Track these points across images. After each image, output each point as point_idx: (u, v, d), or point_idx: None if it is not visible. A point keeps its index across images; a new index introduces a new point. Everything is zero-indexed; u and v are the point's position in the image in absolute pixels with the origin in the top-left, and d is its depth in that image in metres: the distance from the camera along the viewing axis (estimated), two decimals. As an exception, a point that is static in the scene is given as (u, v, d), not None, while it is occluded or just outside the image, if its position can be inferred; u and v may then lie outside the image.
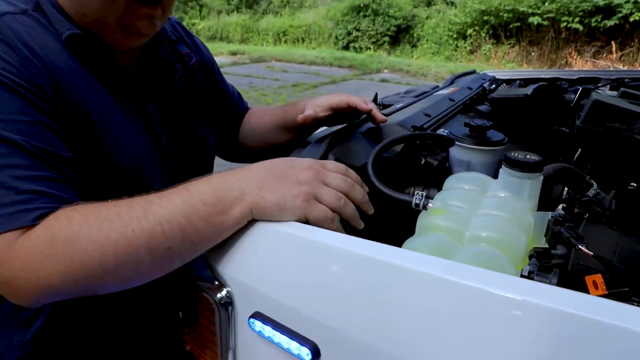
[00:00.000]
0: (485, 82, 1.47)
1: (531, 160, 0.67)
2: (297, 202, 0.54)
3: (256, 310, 0.51)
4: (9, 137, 0.52)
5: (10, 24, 0.59)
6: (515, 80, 1.82)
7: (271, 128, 0.98)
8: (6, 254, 0.49)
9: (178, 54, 0.84)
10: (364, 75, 10.73)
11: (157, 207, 0.51)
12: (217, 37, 20.49)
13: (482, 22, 12.19)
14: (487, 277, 0.41)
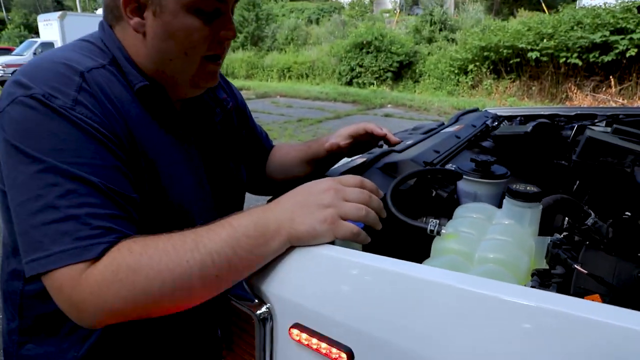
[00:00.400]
0: (488, 119, 1.57)
1: (531, 191, 0.76)
2: (325, 226, 0.61)
3: (295, 322, 0.59)
4: (88, 178, 0.60)
5: (95, 77, 0.68)
6: (516, 117, 1.93)
7: (296, 162, 1.07)
8: (77, 280, 0.57)
9: (217, 99, 0.94)
10: (367, 110, 10.95)
11: (207, 240, 0.59)
12: (223, 73, 21.08)
13: (482, 57, 12.52)
14: (496, 286, 0.49)
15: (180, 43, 0.72)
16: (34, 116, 0.62)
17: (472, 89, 12.95)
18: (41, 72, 0.65)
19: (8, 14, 55.25)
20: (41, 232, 0.58)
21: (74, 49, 0.73)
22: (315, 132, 8.03)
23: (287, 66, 18.64)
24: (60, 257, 0.57)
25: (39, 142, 0.61)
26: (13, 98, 0.63)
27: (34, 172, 0.59)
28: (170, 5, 0.70)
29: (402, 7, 32.47)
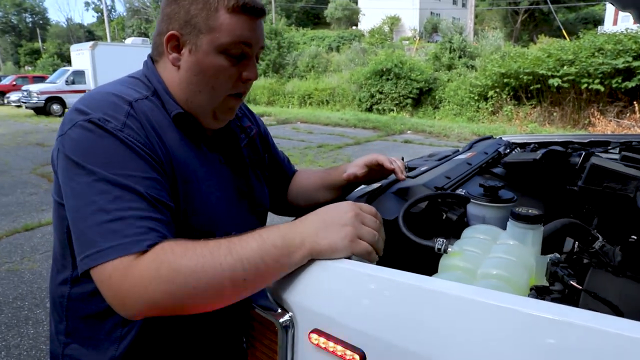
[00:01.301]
0: (500, 147, 1.63)
1: (532, 214, 0.82)
2: (346, 242, 0.69)
3: (315, 327, 0.66)
4: (133, 187, 0.71)
5: (141, 106, 0.80)
6: (529, 144, 1.98)
7: (317, 187, 1.16)
8: (124, 272, 0.66)
9: (242, 127, 1.05)
10: (387, 137, 11.04)
11: (239, 248, 0.67)
12: (245, 99, 21.58)
13: (502, 84, 12.55)
14: (496, 296, 0.56)
15: (209, 78, 0.84)
16: (90, 136, 0.74)
17: (493, 115, 12.96)
18: (97, 102, 0.78)
19: (44, 44, 57.93)
20: (94, 232, 0.68)
21: (123, 84, 0.86)
22: (335, 158, 8.13)
23: (307, 93, 18.99)
24: (110, 251, 0.66)
25: (93, 157, 0.72)
26: (74, 123, 0.75)
27: (88, 181, 0.71)
28: (204, 46, 0.82)
29: (422, 34, 32.90)
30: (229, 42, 0.82)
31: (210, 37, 0.82)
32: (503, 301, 0.53)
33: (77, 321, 0.86)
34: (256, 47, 0.87)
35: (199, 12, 0.81)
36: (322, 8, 43.46)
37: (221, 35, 0.81)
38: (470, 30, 22.31)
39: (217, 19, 0.81)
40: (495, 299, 0.54)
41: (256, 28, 0.85)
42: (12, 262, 3.71)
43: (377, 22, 33.34)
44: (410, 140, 10.30)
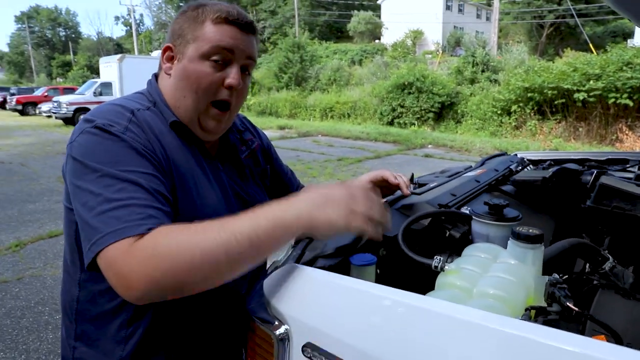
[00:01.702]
0: (512, 163, 1.62)
1: (532, 233, 0.82)
2: (342, 215, 0.70)
3: (308, 341, 0.67)
4: (135, 180, 0.76)
5: (142, 115, 0.86)
6: (544, 161, 1.96)
7: None
8: (125, 254, 0.69)
9: (243, 139, 1.10)
10: (408, 151, 10.99)
11: (231, 224, 0.69)
12: (266, 112, 21.71)
13: (526, 98, 12.38)
14: (481, 316, 0.56)
15: (192, 83, 0.89)
16: (95, 139, 0.79)
17: (516, 130, 12.78)
18: (103, 111, 0.85)
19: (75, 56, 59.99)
20: (98, 220, 0.72)
21: (127, 98, 0.93)
22: (355, 172, 8.13)
23: (329, 106, 19.08)
24: (112, 235, 0.70)
25: (98, 156, 0.77)
26: (81, 130, 0.81)
27: (94, 178, 0.75)
28: (189, 53, 0.89)
29: (445, 48, 32.80)
30: (209, 47, 0.88)
31: (195, 45, 0.88)
32: (487, 321, 0.54)
33: (85, 324, 0.90)
34: (240, 55, 0.91)
35: (188, 26, 0.90)
36: (345, 22, 43.85)
37: (204, 42, 0.88)
38: (493, 44, 22.15)
39: (202, 29, 0.88)
40: (480, 319, 0.55)
41: (240, 38, 0.90)
42: (35, 267, 3.82)
43: (400, 36, 33.41)
44: (431, 154, 10.23)
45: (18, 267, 3.84)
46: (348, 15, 42.99)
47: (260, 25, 46.66)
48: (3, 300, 3.24)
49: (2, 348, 2.67)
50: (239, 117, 1.16)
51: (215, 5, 0.90)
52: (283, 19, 44.58)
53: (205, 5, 0.91)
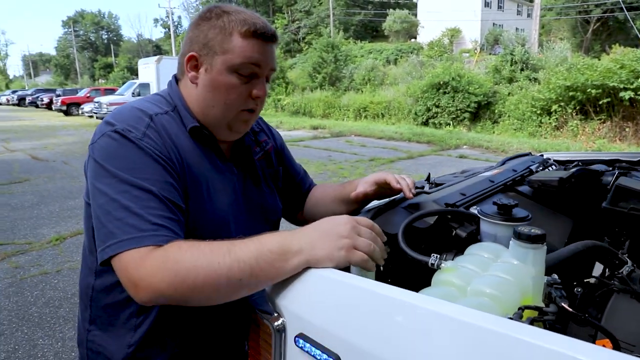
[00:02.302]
0: (534, 164, 1.59)
1: (533, 233, 0.81)
2: (342, 253, 0.73)
3: (300, 332, 0.69)
4: (150, 188, 0.80)
5: (160, 120, 0.90)
6: (571, 162, 1.91)
7: (332, 201, 1.20)
8: (139, 261, 0.73)
9: (258, 140, 1.13)
10: (442, 151, 10.82)
11: (237, 249, 0.73)
12: (300, 112, 21.87)
13: (568, 97, 11.94)
14: (467, 313, 0.57)
15: (221, 94, 0.93)
16: (115, 144, 0.84)
17: (556, 131, 12.35)
18: (123, 115, 0.89)
19: (116, 58, 62.29)
20: (114, 225, 0.77)
21: (148, 100, 0.97)
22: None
23: (363, 106, 19.01)
24: (127, 242, 0.75)
25: (117, 162, 0.82)
26: (102, 133, 0.86)
27: (112, 183, 0.80)
28: (218, 66, 0.92)
29: (483, 46, 32.04)
30: (239, 62, 0.91)
31: (224, 58, 0.91)
32: (467, 317, 0.54)
33: (99, 310, 0.96)
34: (266, 69, 0.94)
35: (215, 36, 0.91)
36: (380, 21, 43.59)
37: (233, 56, 0.90)
38: (534, 42, 21.48)
39: (231, 42, 0.90)
40: (463, 316, 0.56)
41: (266, 51, 0.93)
42: (73, 261, 4.01)
43: (436, 35, 32.89)
44: (465, 155, 10.04)
45: (57, 259, 4.05)
46: (383, 14, 42.70)
47: (295, 25, 47.01)
48: (43, 291, 3.42)
49: (42, 335, 2.83)
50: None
51: (240, 14, 0.93)
52: (318, 18, 44.73)
53: (229, 14, 0.93)
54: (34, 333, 2.86)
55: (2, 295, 3.36)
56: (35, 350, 2.68)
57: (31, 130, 15.93)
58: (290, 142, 12.38)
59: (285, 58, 33.69)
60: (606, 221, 1.22)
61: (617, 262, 1.11)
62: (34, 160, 9.45)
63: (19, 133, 14.92)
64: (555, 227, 1.21)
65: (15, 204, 5.91)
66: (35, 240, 4.55)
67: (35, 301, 3.28)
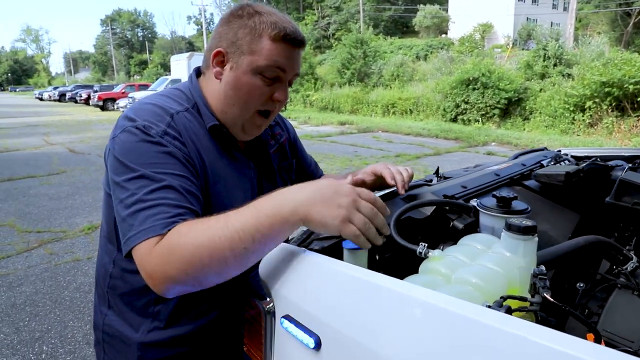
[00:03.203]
0: (546, 159, 1.57)
1: (524, 225, 0.81)
2: (336, 222, 0.71)
3: (287, 313, 0.73)
4: (169, 182, 0.81)
5: (181, 118, 0.92)
6: (590, 158, 1.87)
7: None
8: (149, 252, 0.74)
9: (273, 134, 1.15)
10: (469, 148, 10.64)
11: (233, 220, 0.72)
12: (328, 107, 21.88)
13: (603, 94, 11.53)
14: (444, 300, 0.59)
15: (243, 94, 0.94)
16: (135, 139, 0.86)
17: (590, 128, 11.96)
18: (144, 111, 0.91)
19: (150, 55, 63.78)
20: (133, 217, 0.79)
21: (168, 95, 0.99)
22: (412, 168, 8.01)
23: (391, 102, 18.86)
24: (143, 233, 0.77)
25: (137, 157, 0.84)
26: (123, 128, 0.88)
27: (131, 177, 0.82)
28: (244, 65, 0.92)
29: (516, 41, 31.22)
30: (265, 65, 0.91)
31: (251, 59, 0.92)
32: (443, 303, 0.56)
33: (115, 296, 1.00)
34: (290, 73, 0.96)
35: (245, 36, 0.92)
36: (410, 16, 43.04)
37: (260, 58, 0.91)
38: (569, 36, 20.79)
39: (260, 44, 0.91)
40: (434, 300, 0.58)
41: (293, 57, 0.94)
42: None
43: (467, 30, 32.24)
44: (493, 152, 9.84)
45: (89, 247, 4.22)
46: (414, 9, 42.14)
47: (324, 21, 46.94)
48: (75, 277, 3.58)
49: (72, 318, 2.97)
50: None
51: (271, 16, 0.93)
52: (348, 14, 44.54)
53: (261, 15, 0.93)
54: (65, 315, 3.01)
55: (38, 279, 3.54)
56: (65, 332, 2.82)
57: (70, 124, 16.53)
58: (317, 137, 12.42)
59: (314, 54, 33.72)
60: (612, 216, 1.21)
61: (622, 258, 1.10)
62: (71, 153, 9.81)
63: (58, 127, 15.48)
64: (560, 222, 1.20)
65: (53, 194, 6.17)
66: (70, 228, 4.75)
67: (68, 286, 3.44)
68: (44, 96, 43.96)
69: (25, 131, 14.38)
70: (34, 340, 2.73)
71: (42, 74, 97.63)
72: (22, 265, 3.82)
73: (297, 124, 16.77)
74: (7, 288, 3.40)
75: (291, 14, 50.68)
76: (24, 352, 2.62)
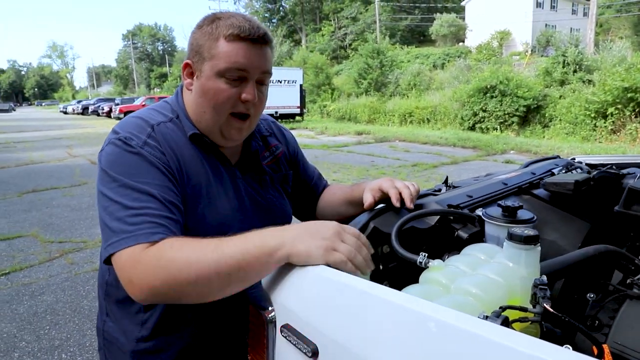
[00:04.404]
0: (557, 167, 1.55)
1: (525, 234, 0.81)
2: (320, 251, 0.74)
3: (286, 322, 0.74)
4: (149, 191, 0.85)
5: (161, 129, 0.95)
6: (605, 165, 1.84)
7: (341, 203, 1.21)
8: (135, 259, 0.77)
9: (268, 145, 1.16)
10: (487, 156, 10.52)
11: (224, 245, 0.75)
12: (345, 117, 21.94)
13: (626, 99, 11.31)
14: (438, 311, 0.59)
15: (210, 99, 0.95)
16: (118, 151, 0.90)
17: (613, 134, 11.71)
18: (127, 124, 0.95)
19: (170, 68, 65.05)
20: (115, 225, 0.82)
21: (155, 108, 1.02)
22: (429, 177, 7.97)
23: (408, 111, 18.81)
24: (126, 240, 0.80)
25: (119, 167, 0.88)
26: (109, 141, 0.93)
27: (114, 187, 0.86)
28: (207, 71, 0.94)
29: (535, 48, 30.86)
30: (225, 67, 0.92)
31: (211, 63, 0.93)
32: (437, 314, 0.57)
33: (112, 304, 1.03)
34: (254, 72, 0.95)
35: (204, 42, 0.94)
36: (427, 25, 42.99)
37: (219, 61, 0.92)
38: (590, 41, 20.47)
39: (217, 47, 0.92)
40: (429, 311, 0.58)
41: (253, 55, 0.93)
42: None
43: (485, 38, 32.03)
44: (512, 160, 9.70)
45: (108, 258, 4.30)
46: (430, 18, 42.10)
47: (341, 32, 47.19)
48: (94, 286, 3.65)
49: (90, 326, 3.03)
50: (266, 121, 1.21)
51: (229, 19, 0.93)
52: (364, 25, 44.70)
53: (219, 19, 0.94)
54: (83, 324, 3.08)
55: (58, 288, 3.62)
56: (84, 340, 2.88)
57: (92, 137, 16.96)
58: (334, 147, 12.45)
59: (331, 65, 33.86)
60: (623, 225, 1.18)
61: (634, 268, 1.08)
62: (93, 165, 10.03)
63: (81, 140, 15.89)
64: (570, 231, 1.18)
65: (74, 205, 6.32)
66: (90, 239, 4.86)
67: (87, 295, 3.51)
68: (68, 110, 45.28)
69: (49, 144, 14.77)
70: (54, 348, 2.80)
71: (67, 88, 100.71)
72: (44, 274, 3.92)
73: (314, 134, 16.84)
74: (29, 297, 3.49)
75: (308, 25, 51.16)
76: (44, 359, 2.68)
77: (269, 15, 54.28)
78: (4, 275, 3.88)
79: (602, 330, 1.02)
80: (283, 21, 53.19)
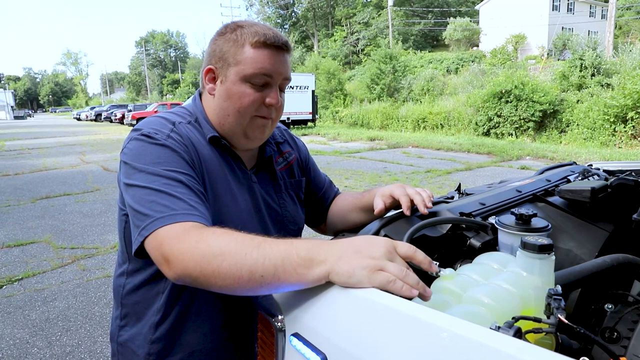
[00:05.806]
0: (573, 174, 1.52)
1: (539, 243, 0.79)
2: (364, 272, 0.67)
3: (296, 331, 0.73)
4: (178, 177, 0.87)
5: (182, 128, 0.98)
6: (624, 172, 1.80)
7: (352, 209, 1.21)
8: (175, 238, 0.76)
9: (281, 151, 1.18)
10: (502, 162, 10.40)
11: (267, 245, 0.72)
12: (358, 123, 21.93)
13: (647, 104, 11.12)
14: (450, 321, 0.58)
15: (235, 103, 0.98)
16: (142, 144, 0.92)
17: (633, 139, 11.50)
18: (148, 122, 0.98)
19: (182, 75, 65.89)
20: (147, 208, 0.82)
21: (172, 112, 1.05)
22: (442, 184, 7.90)
23: (422, 117, 18.72)
24: (162, 220, 0.80)
25: (145, 158, 0.89)
26: (130, 138, 0.95)
27: (142, 176, 0.87)
28: (232, 76, 0.97)
29: (551, 52, 30.52)
30: (251, 72, 0.96)
31: (237, 69, 0.97)
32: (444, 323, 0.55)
33: (128, 308, 1.05)
34: (277, 78, 0.99)
35: (229, 49, 0.98)
36: (440, 30, 42.86)
37: (245, 67, 0.96)
38: (608, 44, 20.17)
39: (243, 53, 0.96)
40: (439, 321, 0.57)
41: (277, 61, 0.98)
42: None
43: (499, 42, 31.79)
44: (527, 166, 9.58)
45: (122, 263, 4.35)
46: (444, 23, 41.97)
47: (354, 37, 47.31)
48: (105, 292, 3.69)
49: (101, 333, 3.05)
50: (279, 128, 1.24)
51: (252, 27, 0.98)
52: (377, 30, 44.77)
53: (242, 27, 0.98)
54: (95, 331, 3.10)
55: (70, 295, 3.66)
56: (95, 347, 2.90)
57: (104, 143, 17.12)
58: (346, 153, 12.44)
59: (343, 70, 33.93)
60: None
61: (653, 279, 1.05)
62: (105, 172, 10.18)
63: (94, 146, 16.09)
64: (587, 239, 1.15)
65: (87, 212, 6.41)
66: (102, 245, 4.91)
67: (98, 301, 3.55)
68: (81, 116, 46.09)
69: (63, 150, 15.04)
70: (65, 354, 2.82)
71: (80, 95, 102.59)
72: (56, 280, 3.97)
73: (326, 140, 16.85)
74: (41, 303, 3.54)
75: (320, 31, 51.41)
76: (57, 365, 2.70)
77: (281, 21, 54.71)
78: (17, 281, 3.94)
79: (620, 342, 0.99)
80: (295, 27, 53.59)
